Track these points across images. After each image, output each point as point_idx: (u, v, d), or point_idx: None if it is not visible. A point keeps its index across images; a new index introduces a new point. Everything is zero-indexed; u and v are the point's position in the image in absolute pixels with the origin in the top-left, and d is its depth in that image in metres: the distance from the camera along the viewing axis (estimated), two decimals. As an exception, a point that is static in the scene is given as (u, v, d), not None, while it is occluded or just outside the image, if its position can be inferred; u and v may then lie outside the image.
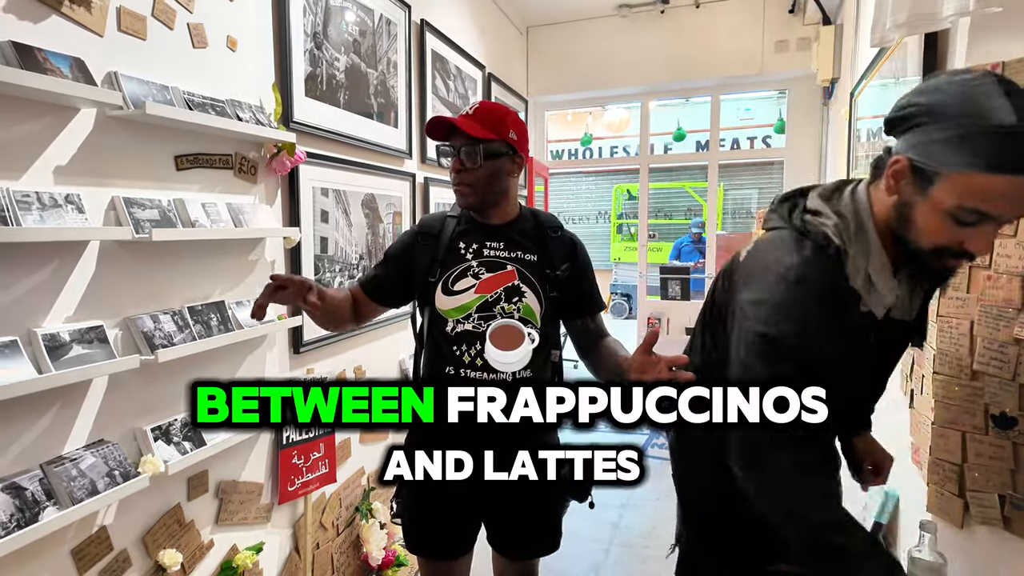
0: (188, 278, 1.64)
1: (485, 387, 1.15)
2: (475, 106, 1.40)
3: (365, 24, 2.43)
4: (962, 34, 1.37)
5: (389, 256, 1.52)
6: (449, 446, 1.19)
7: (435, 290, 1.40)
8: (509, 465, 1.19)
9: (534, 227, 1.48)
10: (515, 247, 1.44)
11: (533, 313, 1.40)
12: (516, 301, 1.39)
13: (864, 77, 2.46)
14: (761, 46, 4.14)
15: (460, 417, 1.15)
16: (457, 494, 1.41)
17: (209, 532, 1.75)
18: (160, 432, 1.51)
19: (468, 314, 1.38)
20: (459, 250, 1.42)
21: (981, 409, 1.35)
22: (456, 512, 1.45)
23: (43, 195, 1.24)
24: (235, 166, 1.79)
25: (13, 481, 1.19)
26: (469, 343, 1.37)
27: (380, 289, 1.51)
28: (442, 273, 1.41)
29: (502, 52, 4.15)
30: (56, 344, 1.26)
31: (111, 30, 1.42)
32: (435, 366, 1.42)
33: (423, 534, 1.49)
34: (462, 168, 1.37)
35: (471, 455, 1.18)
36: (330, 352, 2.29)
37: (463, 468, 1.18)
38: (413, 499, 1.47)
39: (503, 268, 1.41)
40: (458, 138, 1.38)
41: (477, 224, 1.46)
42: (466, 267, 1.41)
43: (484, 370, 1.36)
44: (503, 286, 1.39)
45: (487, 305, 1.38)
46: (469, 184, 1.38)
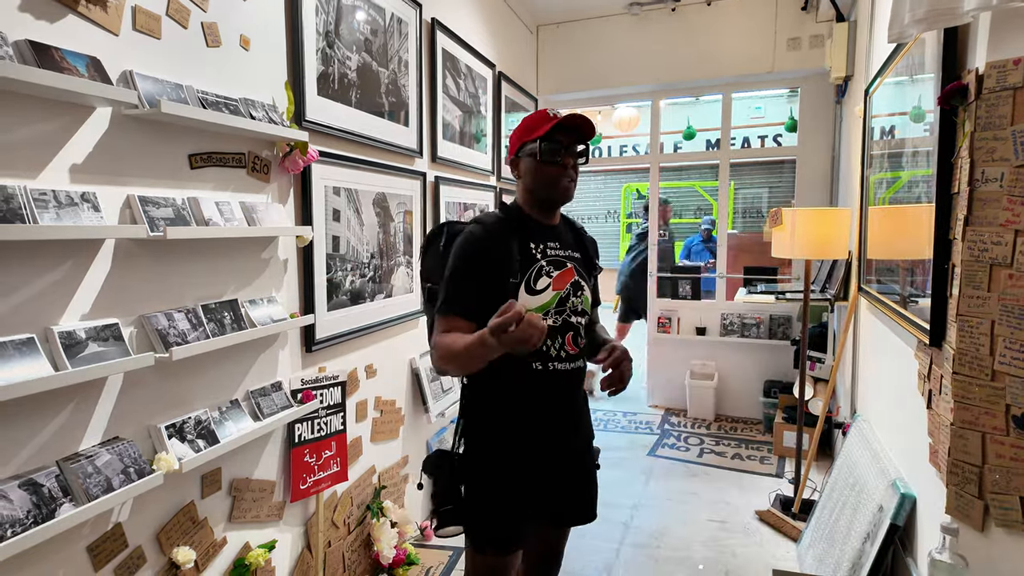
0: (202, 276, 1.64)
1: (570, 376, 1.49)
2: (557, 112, 1.46)
3: (376, 23, 2.43)
4: (983, 29, 1.35)
5: (474, 266, 1.43)
6: (542, 434, 1.49)
7: (518, 290, 1.43)
8: (579, 438, 1.57)
9: (571, 228, 1.63)
10: (566, 245, 1.55)
11: (588, 304, 1.55)
12: (579, 295, 1.52)
13: (880, 74, 2.43)
14: (773, 44, 4.11)
15: (556, 403, 1.50)
16: (533, 481, 1.49)
17: (222, 529, 1.76)
18: (174, 430, 1.52)
19: (548, 311, 1.46)
20: (531, 250, 1.48)
21: (1002, 410, 1.33)
22: (530, 501, 1.50)
23: (59, 193, 1.25)
24: (248, 165, 1.79)
25: (30, 478, 1.20)
26: (552, 338, 1.45)
27: (482, 309, 1.36)
28: (523, 274, 1.45)
29: (512, 51, 4.14)
30: (72, 342, 1.27)
31: (126, 29, 1.43)
32: (519, 364, 1.44)
33: (504, 528, 1.50)
34: (574, 163, 1.47)
35: (553, 436, 1.49)
36: (342, 351, 2.29)
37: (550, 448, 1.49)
38: (494, 496, 1.49)
39: (564, 266, 1.51)
40: (569, 136, 1.46)
41: (534, 224, 1.52)
42: (539, 267, 1.47)
43: (567, 360, 1.48)
44: (569, 282, 1.50)
45: (562, 301, 1.48)
46: (574, 180, 1.49)
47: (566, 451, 1.54)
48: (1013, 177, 1.28)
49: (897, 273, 2.09)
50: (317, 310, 2.10)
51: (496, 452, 1.49)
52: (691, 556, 2.64)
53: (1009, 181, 1.29)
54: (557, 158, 1.45)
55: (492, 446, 1.50)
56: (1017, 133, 1.27)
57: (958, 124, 1.45)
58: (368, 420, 2.49)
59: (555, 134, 1.44)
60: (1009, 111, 1.28)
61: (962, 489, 1.41)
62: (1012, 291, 1.30)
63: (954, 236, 1.45)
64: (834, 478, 2.61)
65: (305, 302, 2.06)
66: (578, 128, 1.45)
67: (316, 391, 2.05)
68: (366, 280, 2.42)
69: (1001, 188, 1.30)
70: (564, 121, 1.42)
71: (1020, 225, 1.28)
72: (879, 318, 2.42)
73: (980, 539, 1.38)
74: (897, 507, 1.79)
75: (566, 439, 1.53)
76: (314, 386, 2.05)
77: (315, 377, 2.07)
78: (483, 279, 1.42)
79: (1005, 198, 1.29)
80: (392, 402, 2.66)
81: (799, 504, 2.95)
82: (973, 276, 1.35)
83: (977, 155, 1.33)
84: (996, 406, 1.34)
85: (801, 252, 2.90)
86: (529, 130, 1.48)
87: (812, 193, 4.32)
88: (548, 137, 1.44)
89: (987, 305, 1.34)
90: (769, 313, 4.48)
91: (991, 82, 1.30)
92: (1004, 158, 1.29)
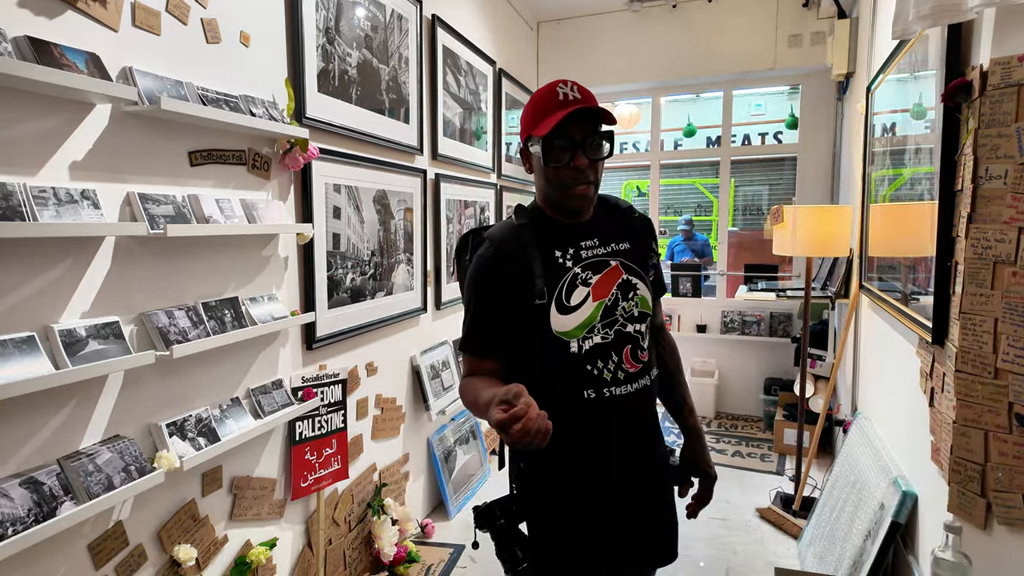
0: (202, 274, 1.64)
1: (631, 400, 1.23)
2: (574, 87, 1.18)
3: (377, 19, 2.42)
4: (987, 25, 1.34)
5: (486, 295, 1.24)
6: (605, 473, 1.24)
7: (548, 311, 1.19)
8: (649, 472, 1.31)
9: (613, 213, 1.33)
10: (608, 239, 1.28)
11: (648, 303, 1.28)
12: (632, 297, 1.25)
13: (882, 71, 2.42)
14: (774, 40, 4.10)
15: (617, 434, 1.24)
16: (600, 522, 1.25)
17: (223, 527, 1.76)
18: (175, 428, 1.52)
19: (592, 327, 1.21)
20: (557, 259, 1.22)
21: (1005, 407, 1.33)
22: (600, 543, 1.27)
23: (59, 190, 1.24)
24: (248, 162, 1.78)
25: (31, 476, 1.20)
26: (604, 357, 1.21)
27: (504, 345, 1.24)
28: (551, 291, 1.20)
29: (513, 47, 4.13)
30: (72, 340, 1.27)
31: (126, 25, 1.42)
32: (569, 393, 1.21)
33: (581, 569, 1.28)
34: (589, 162, 1.17)
35: (620, 470, 1.25)
36: (342, 349, 2.29)
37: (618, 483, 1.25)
38: (561, 545, 1.26)
39: (607, 266, 1.25)
40: (582, 128, 1.16)
41: (561, 225, 1.26)
42: (572, 276, 1.22)
43: (627, 382, 1.22)
44: (615, 284, 1.24)
45: (608, 310, 1.22)
46: (596, 180, 1.21)
47: (634, 485, 1.28)
48: (1017, 174, 1.27)
49: (899, 271, 2.08)
50: (318, 308, 2.10)
51: (555, 496, 1.26)
52: (692, 554, 2.64)
53: (1013, 178, 1.28)
54: (568, 161, 1.17)
55: (549, 490, 1.26)
56: (1021, 130, 1.26)
57: (962, 121, 1.44)
58: (369, 418, 2.49)
59: (564, 129, 1.15)
60: (1014, 108, 1.27)
61: (965, 487, 1.41)
62: (1016, 289, 1.29)
63: (957, 233, 1.44)
64: (835, 476, 2.61)
65: (306, 300, 2.06)
66: (593, 114, 1.16)
67: (317, 389, 2.05)
68: (367, 278, 2.41)
69: (1005, 185, 1.29)
70: (572, 113, 1.14)
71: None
72: (880, 316, 2.42)
73: (983, 537, 1.38)
74: (899, 505, 1.79)
75: (634, 472, 1.27)
76: (315, 384, 2.05)
77: (316, 375, 2.07)
78: (500, 309, 1.21)
79: (1009, 195, 1.29)
80: (393, 400, 2.66)
81: (800, 502, 2.95)
82: (976, 274, 1.35)
83: (981, 152, 1.33)
84: (999, 404, 1.33)
85: (802, 250, 2.89)
86: (534, 119, 1.19)
87: (813, 190, 4.31)
88: (555, 134, 1.15)
89: (990, 303, 1.33)
90: (770, 311, 4.47)
91: (995, 79, 1.30)
92: (1008, 155, 1.28)
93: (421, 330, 2.92)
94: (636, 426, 1.27)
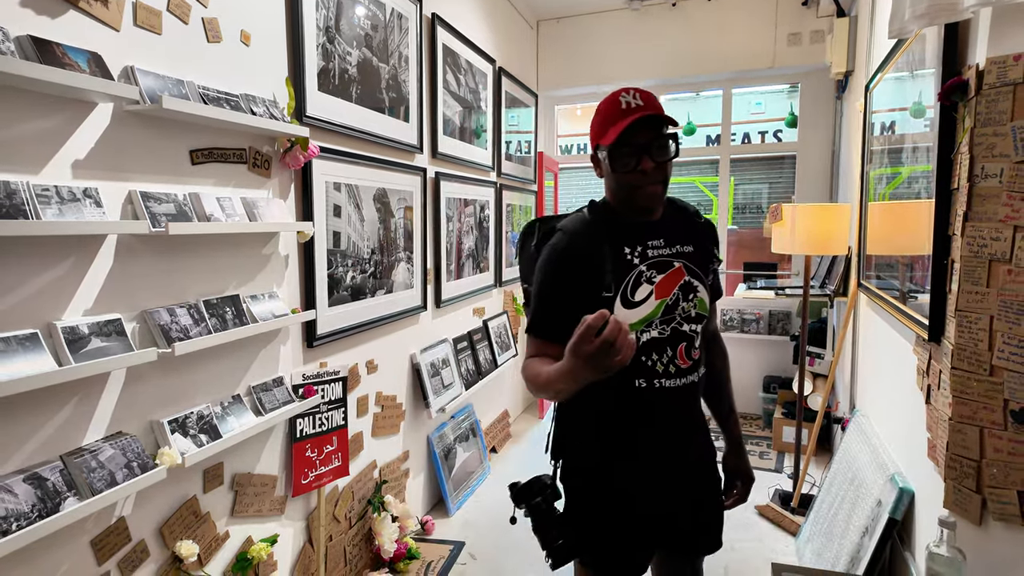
0: (203, 272, 1.65)
1: (680, 392, 1.30)
2: (637, 94, 1.23)
3: (377, 18, 2.43)
4: (984, 25, 1.35)
5: (559, 283, 1.29)
6: (649, 459, 1.32)
7: (613, 304, 1.26)
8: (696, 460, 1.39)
9: (680, 216, 1.38)
10: (673, 241, 1.33)
11: (705, 306, 1.34)
12: (692, 298, 1.31)
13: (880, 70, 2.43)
14: (773, 39, 4.11)
15: (664, 424, 1.32)
16: (640, 507, 1.33)
17: (225, 524, 1.77)
18: (177, 424, 1.53)
19: (652, 322, 1.28)
20: (625, 256, 1.28)
21: (1000, 404, 1.34)
22: (648, 532, 1.35)
23: (62, 189, 1.25)
24: (249, 160, 1.79)
25: (35, 472, 1.21)
26: (659, 351, 1.28)
27: (569, 331, 1.26)
28: (618, 285, 1.26)
29: (512, 46, 4.14)
30: (75, 337, 1.28)
31: (127, 24, 1.43)
32: (622, 381, 1.27)
33: (614, 559, 1.35)
34: (656, 165, 1.22)
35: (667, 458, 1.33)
36: (343, 346, 2.30)
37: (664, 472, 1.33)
38: (603, 527, 1.34)
39: (671, 267, 1.30)
40: (644, 134, 1.21)
41: (631, 224, 1.31)
42: (638, 274, 1.28)
43: (678, 376, 1.29)
44: (678, 285, 1.30)
45: (669, 309, 1.29)
46: (664, 180, 1.25)
47: (676, 473, 1.35)
48: (1013, 173, 1.28)
49: (896, 269, 2.09)
50: (318, 306, 2.11)
51: (597, 477, 1.34)
52: (690, 550, 2.65)
53: (1009, 177, 1.29)
54: (635, 166, 1.22)
55: (592, 471, 1.34)
56: (1017, 129, 1.27)
57: (958, 120, 1.45)
58: (369, 415, 2.50)
59: (628, 136, 1.20)
60: (1009, 107, 1.28)
61: (960, 483, 1.42)
62: (1011, 287, 1.30)
63: (953, 232, 1.45)
64: (833, 473, 2.62)
65: (306, 297, 2.07)
66: (650, 118, 1.20)
67: (317, 386, 2.06)
68: (367, 276, 2.43)
69: (1000, 184, 1.30)
70: (619, 135, 1.20)
71: (1019, 221, 1.28)
72: (878, 314, 2.43)
73: (978, 533, 1.39)
74: (895, 501, 1.80)
75: (676, 460, 1.34)
76: (315, 381, 2.06)
77: (316, 372, 2.08)
78: (570, 297, 1.25)
79: (1004, 194, 1.30)
80: (393, 397, 2.67)
81: (798, 499, 2.96)
82: (972, 272, 1.36)
83: (977, 151, 1.34)
84: (994, 401, 1.34)
85: (801, 248, 2.90)
86: (600, 128, 1.26)
87: (812, 189, 4.32)
88: (621, 142, 1.21)
89: (986, 301, 1.34)
90: (769, 309, 4.49)
91: (991, 78, 1.30)
92: (1004, 154, 1.29)
93: (421, 328, 2.93)
94: (682, 417, 1.34)
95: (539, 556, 2.74)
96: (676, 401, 1.30)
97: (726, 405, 1.52)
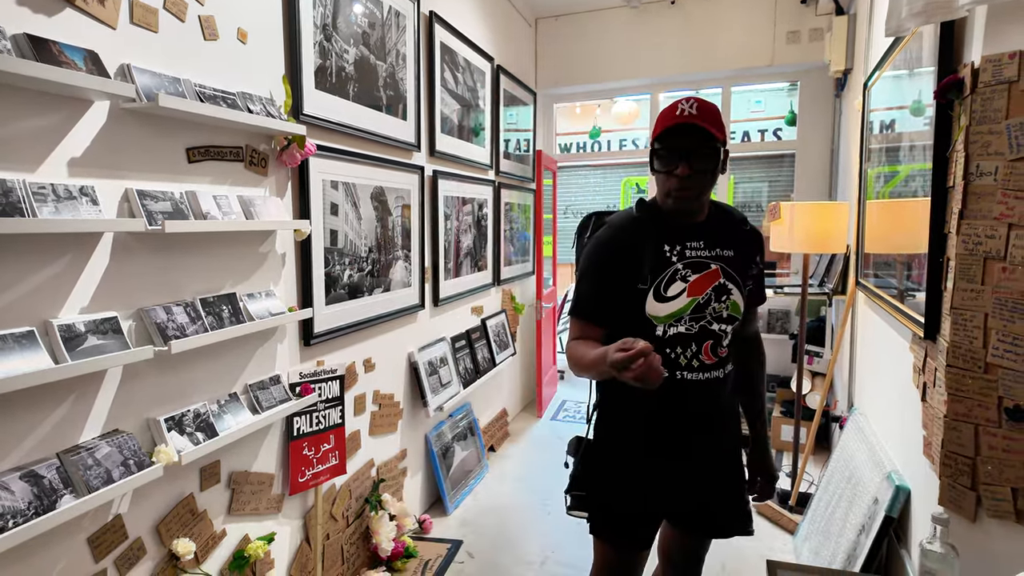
0: (200, 270, 1.65)
1: (702, 386, 1.38)
2: (695, 104, 1.31)
3: (374, 16, 2.43)
4: (979, 23, 1.35)
5: (601, 271, 1.41)
6: (665, 441, 1.43)
7: (646, 296, 1.36)
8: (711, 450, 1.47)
9: (725, 221, 1.45)
10: (714, 244, 1.40)
11: (739, 308, 1.41)
12: (724, 300, 1.39)
13: (878, 68, 2.43)
14: (772, 37, 4.11)
15: (684, 411, 1.41)
16: (661, 490, 1.45)
17: (221, 522, 1.77)
18: (173, 422, 1.53)
19: (681, 317, 1.36)
20: (664, 253, 1.37)
21: (994, 402, 1.34)
22: (655, 507, 1.48)
23: (58, 187, 1.25)
24: (246, 158, 1.79)
25: (31, 469, 1.21)
26: (684, 345, 1.37)
27: (610, 313, 1.41)
28: (652, 279, 1.36)
29: (511, 44, 4.13)
30: (72, 335, 1.28)
31: (124, 22, 1.43)
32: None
33: (622, 527, 1.49)
34: (692, 172, 1.30)
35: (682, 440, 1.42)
36: (340, 345, 2.30)
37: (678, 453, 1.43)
38: (615, 492, 1.48)
39: (707, 268, 1.38)
40: (688, 140, 1.30)
41: (674, 223, 1.40)
42: (674, 271, 1.37)
43: (701, 370, 1.38)
44: (712, 286, 1.38)
45: (699, 307, 1.37)
46: (697, 187, 1.33)
47: (694, 461, 1.45)
48: (1007, 171, 1.29)
49: (894, 267, 2.10)
50: (315, 304, 2.11)
51: (616, 449, 1.47)
52: (688, 548, 2.65)
53: (1003, 175, 1.29)
54: (668, 167, 1.32)
55: (614, 442, 1.48)
56: (1012, 127, 1.27)
57: (954, 118, 1.45)
58: (366, 414, 2.50)
59: (668, 137, 1.30)
60: (1004, 105, 1.28)
61: (955, 480, 1.42)
62: (1005, 284, 1.31)
63: (949, 230, 1.45)
64: (831, 471, 2.62)
65: (303, 296, 2.07)
66: (695, 127, 1.28)
67: (314, 385, 2.06)
68: (364, 274, 2.43)
69: (995, 182, 1.30)
70: (674, 126, 1.28)
71: (1014, 219, 1.28)
72: (876, 312, 2.43)
73: (972, 529, 1.40)
74: (892, 499, 1.81)
75: (692, 444, 1.44)
76: (312, 380, 2.06)
77: (313, 371, 2.08)
78: (609, 285, 1.37)
79: (999, 192, 1.30)
80: (390, 396, 2.67)
81: (796, 497, 2.97)
82: (967, 269, 1.36)
83: (972, 149, 1.34)
84: (989, 398, 1.35)
85: (799, 246, 2.90)
86: (656, 127, 1.35)
87: (811, 187, 4.32)
88: (661, 141, 1.31)
89: (981, 298, 1.35)
90: (767, 307, 4.48)
91: (987, 76, 1.31)
92: (999, 152, 1.30)
93: (419, 327, 2.93)
94: (701, 407, 1.42)
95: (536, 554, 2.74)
96: (698, 393, 1.39)
97: (756, 406, 1.59)
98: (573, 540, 2.73)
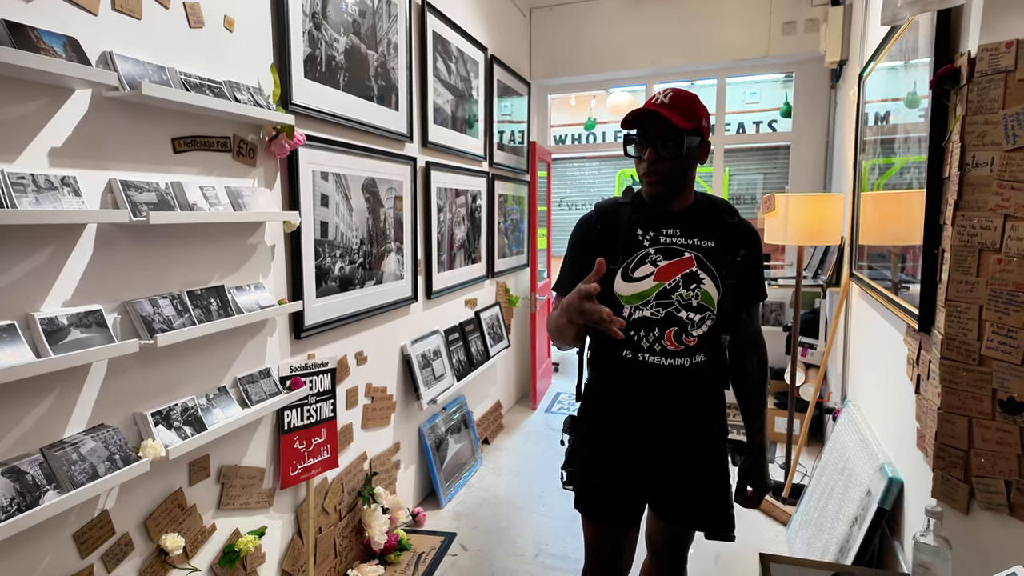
0: (187, 262, 1.62)
1: (665, 371, 1.40)
2: (669, 94, 1.34)
3: (365, 4, 2.39)
4: (976, 12, 1.34)
5: (578, 249, 1.48)
6: (626, 420, 1.46)
7: (615, 276, 1.40)
8: (683, 439, 1.46)
9: (710, 213, 1.46)
10: (692, 234, 1.41)
11: (711, 299, 1.40)
12: (694, 288, 1.39)
13: (873, 58, 2.41)
14: (768, 28, 4.08)
15: (647, 395, 1.43)
16: (626, 467, 1.48)
17: (211, 516, 1.76)
18: (160, 417, 1.51)
19: (647, 301, 1.39)
20: (637, 236, 1.42)
21: (988, 394, 1.34)
22: (623, 484, 1.50)
23: (38, 177, 1.23)
24: (233, 149, 1.76)
25: (13, 465, 1.19)
26: (648, 329, 1.40)
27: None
28: (623, 260, 1.40)
29: (505, 34, 4.09)
30: (54, 328, 1.25)
31: (105, 9, 1.40)
32: (610, 349, 1.44)
33: (594, 501, 1.53)
34: (658, 158, 1.34)
35: (646, 428, 1.45)
36: (331, 338, 2.28)
37: (638, 440, 1.46)
38: (588, 466, 1.54)
39: (680, 255, 1.40)
40: (655, 128, 1.33)
41: (653, 211, 1.44)
42: (644, 254, 1.40)
43: (663, 355, 1.40)
44: (681, 273, 1.39)
45: (665, 292, 1.39)
46: (663, 173, 1.36)
47: (660, 444, 1.45)
48: (1003, 162, 1.27)
49: (889, 259, 2.09)
50: (306, 297, 2.09)
51: (588, 427, 1.54)
52: (681, 540, 2.66)
53: (999, 166, 1.28)
54: (639, 152, 1.37)
55: (587, 419, 1.55)
56: (1008, 117, 1.26)
57: (950, 108, 1.44)
58: (359, 407, 2.48)
59: (641, 127, 1.35)
60: (1001, 95, 1.27)
61: (948, 473, 1.42)
62: (1000, 276, 1.30)
63: (944, 221, 1.44)
64: (824, 463, 2.63)
65: (293, 288, 2.04)
66: (659, 116, 1.31)
67: (305, 378, 2.04)
68: (356, 266, 2.40)
69: (991, 173, 1.29)
70: (626, 122, 1.35)
71: (1009, 210, 1.27)
72: (870, 304, 2.43)
73: (965, 522, 1.39)
74: (885, 491, 1.81)
75: (659, 432, 1.45)
76: (303, 373, 2.04)
77: (304, 364, 2.06)
78: (585, 263, 1.38)
79: (995, 183, 1.29)
80: (383, 389, 2.66)
81: (789, 489, 2.97)
82: (962, 261, 1.35)
83: (968, 139, 1.33)
84: (983, 391, 1.34)
85: (794, 238, 2.89)
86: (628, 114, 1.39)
87: (806, 179, 4.31)
88: (628, 127, 1.36)
89: (975, 290, 1.34)
90: (762, 299, 4.48)
91: (983, 65, 1.29)
92: (995, 142, 1.28)
93: (412, 319, 2.91)
94: (666, 393, 1.43)
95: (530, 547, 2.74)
96: (661, 378, 1.41)
97: (753, 410, 1.55)
98: (567, 532, 2.73)
